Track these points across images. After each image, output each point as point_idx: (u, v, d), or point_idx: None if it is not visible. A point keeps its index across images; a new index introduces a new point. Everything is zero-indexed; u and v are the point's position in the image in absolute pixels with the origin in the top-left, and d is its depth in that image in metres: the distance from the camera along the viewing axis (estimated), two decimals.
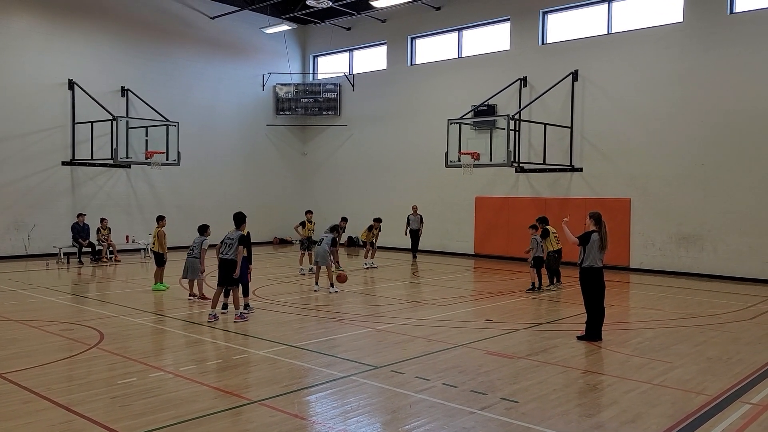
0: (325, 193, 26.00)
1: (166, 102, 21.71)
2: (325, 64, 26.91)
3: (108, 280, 15.77)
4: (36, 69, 19.50)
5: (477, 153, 17.65)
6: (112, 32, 21.16)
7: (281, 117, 26.10)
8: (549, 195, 19.77)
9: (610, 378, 7.47)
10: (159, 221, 13.60)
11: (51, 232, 19.56)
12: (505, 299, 13.01)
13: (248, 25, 24.47)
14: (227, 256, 10.32)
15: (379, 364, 7.81)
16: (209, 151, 23.68)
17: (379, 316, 11.13)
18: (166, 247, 13.50)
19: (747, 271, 16.14)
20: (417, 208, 20.55)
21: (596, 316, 9.27)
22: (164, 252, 13.40)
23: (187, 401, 6.40)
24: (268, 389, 6.83)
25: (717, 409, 6.40)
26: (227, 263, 10.31)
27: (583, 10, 19.47)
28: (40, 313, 11.04)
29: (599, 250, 9.18)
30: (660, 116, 17.63)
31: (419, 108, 23.05)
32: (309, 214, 17.27)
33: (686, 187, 17.20)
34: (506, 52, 20.95)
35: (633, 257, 18.09)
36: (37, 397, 6.49)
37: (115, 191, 21.33)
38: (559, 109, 19.38)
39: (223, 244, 10.46)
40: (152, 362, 7.88)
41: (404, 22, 23.47)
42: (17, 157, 19.16)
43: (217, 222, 22.38)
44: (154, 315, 10.99)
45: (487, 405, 6.38)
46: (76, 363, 7.89)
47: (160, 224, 13.50)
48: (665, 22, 17.80)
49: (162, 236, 13.37)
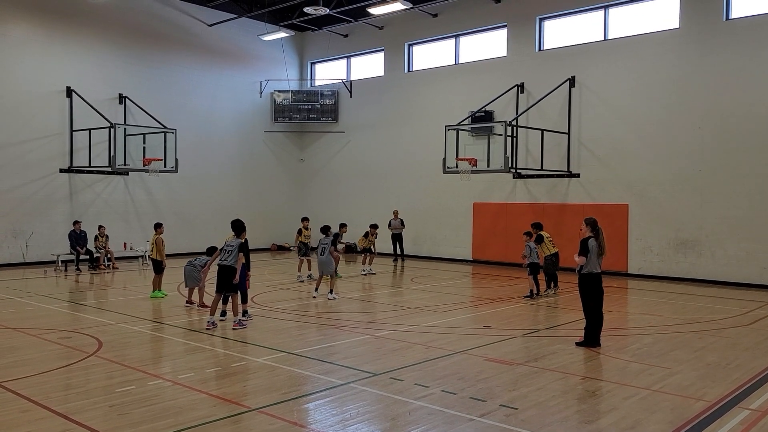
0: (323, 200, 26.00)
1: (164, 109, 21.73)
2: (322, 70, 26.97)
3: (106, 288, 15.74)
4: (34, 77, 19.52)
5: (474, 159, 17.70)
6: (110, 40, 21.20)
7: (279, 124, 26.13)
8: (547, 201, 19.80)
9: (609, 384, 7.47)
10: (157, 228, 13.55)
11: (49, 239, 19.52)
12: (503, 305, 13.01)
13: (246, 32, 24.53)
14: (226, 262, 10.32)
15: (378, 371, 7.80)
16: (207, 158, 23.69)
17: (377, 323, 11.12)
18: (165, 255, 13.48)
19: (745, 277, 16.16)
20: (398, 212, 20.91)
21: (595, 322, 9.27)
22: (162, 259, 13.36)
23: (186, 409, 6.39)
24: (267, 397, 6.81)
25: (716, 415, 6.40)
26: (226, 270, 10.31)
27: (580, 17, 19.56)
28: (38, 321, 11.01)
29: (597, 256, 9.20)
30: (657, 122, 17.69)
31: (416, 114, 23.10)
32: (305, 221, 17.24)
33: (684, 193, 17.24)
34: (503, 58, 21.02)
35: (631, 263, 18.11)
36: (36, 405, 6.47)
37: (113, 198, 21.31)
38: (557, 115, 19.44)
39: (223, 251, 10.47)
40: (151, 370, 7.86)
41: (401, 29, 23.54)
42: (15, 164, 19.15)
43: (215, 229, 22.53)
44: (152, 323, 10.96)
45: (486, 412, 6.37)
46: (75, 371, 7.86)
47: (158, 231, 13.45)
48: (662, 28, 17.88)
49: (160, 243, 13.33)
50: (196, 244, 22.86)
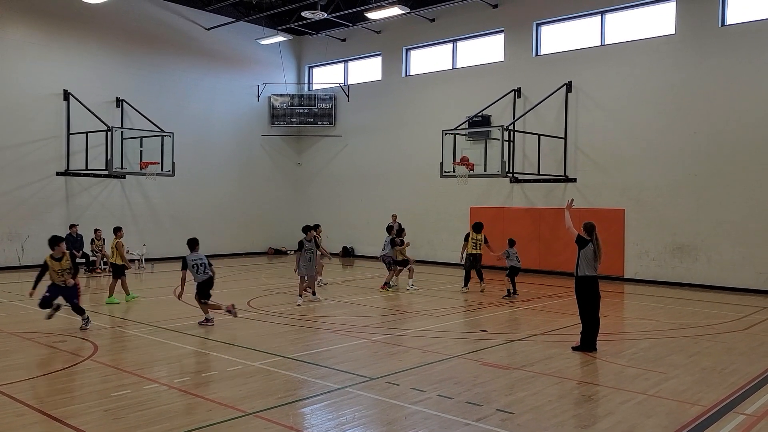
0: (320, 204, 25.99)
1: (161, 112, 21.71)
2: (320, 74, 26.99)
3: (102, 291, 15.67)
4: (31, 79, 19.50)
5: (472, 163, 17.71)
6: (108, 43, 21.19)
7: (276, 127, 26.13)
8: (543, 205, 19.83)
9: (605, 389, 7.48)
10: (116, 232, 13.49)
11: (45, 243, 19.11)
12: (499, 310, 13.01)
13: (244, 36, 24.55)
14: (206, 275, 11.06)
15: (374, 376, 7.80)
16: (204, 161, 23.67)
17: (373, 327, 11.11)
18: (126, 258, 13.45)
19: (740, 281, 16.19)
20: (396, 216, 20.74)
21: (591, 327, 9.29)
22: (125, 262, 13.30)
23: (181, 413, 6.38)
24: (262, 401, 6.81)
25: (712, 419, 6.41)
26: (208, 281, 11.09)
27: (577, 22, 19.62)
28: (33, 325, 10.98)
29: (594, 261, 9.21)
30: (653, 127, 17.74)
31: (414, 118, 23.12)
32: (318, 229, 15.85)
33: (680, 198, 17.28)
34: (500, 63, 21.07)
35: (627, 267, 18.13)
36: (31, 409, 6.45)
37: (110, 202, 21.27)
38: (553, 120, 19.49)
39: (196, 266, 11.03)
40: (146, 374, 7.84)
41: (399, 34, 23.59)
42: (11, 167, 19.12)
43: (212, 233, 22.54)
44: (148, 326, 10.94)
45: (482, 416, 6.37)
46: (70, 375, 7.85)
47: (117, 235, 13.37)
48: (658, 34, 17.94)
49: (120, 247, 13.25)
50: None
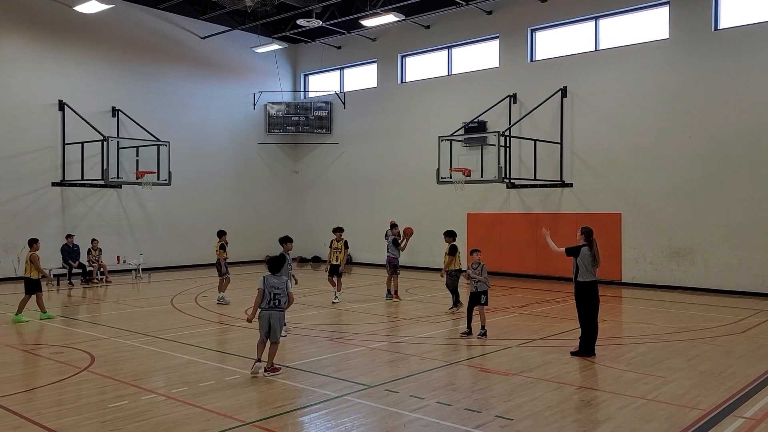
0: (317, 211, 25.97)
1: (157, 122, 21.71)
2: (316, 82, 27.04)
3: (99, 302, 15.65)
4: (26, 90, 19.47)
5: (468, 169, 17.73)
6: (103, 53, 21.19)
7: (272, 135, 26.14)
8: (540, 210, 19.84)
9: (604, 394, 7.47)
10: (31, 245, 12.69)
11: (41, 253, 19.18)
12: (498, 315, 13.00)
13: (239, 44, 24.58)
14: None
15: (372, 383, 7.77)
16: (200, 170, 23.65)
17: (371, 334, 11.09)
18: (42, 270, 12.70)
19: (738, 285, 16.21)
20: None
21: (590, 332, 9.28)
22: (40, 275, 12.54)
23: (179, 424, 6.34)
24: (261, 410, 6.78)
25: (711, 423, 6.40)
26: None
27: (571, 28, 19.70)
28: (29, 336, 10.93)
29: (592, 266, 9.22)
30: (648, 131, 17.80)
31: (410, 125, 23.16)
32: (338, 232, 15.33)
33: (676, 202, 17.32)
34: (495, 69, 21.13)
35: (625, 272, 18.14)
36: (27, 422, 6.41)
37: (106, 212, 21.22)
38: (549, 125, 19.53)
39: None
40: (144, 384, 7.81)
41: (394, 41, 23.65)
42: (7, 177, 19.06)
43: (209, 243, 22.39)
44: (145, 336, 10.90)
45: (481, 423, 6.35)
46: (67, 386, 7.80)
47: (32, 248, 12.60)
48: (651, 38, 18.03)
49: (35, 260, 12.47)
50: (190, 257, 22.87)
